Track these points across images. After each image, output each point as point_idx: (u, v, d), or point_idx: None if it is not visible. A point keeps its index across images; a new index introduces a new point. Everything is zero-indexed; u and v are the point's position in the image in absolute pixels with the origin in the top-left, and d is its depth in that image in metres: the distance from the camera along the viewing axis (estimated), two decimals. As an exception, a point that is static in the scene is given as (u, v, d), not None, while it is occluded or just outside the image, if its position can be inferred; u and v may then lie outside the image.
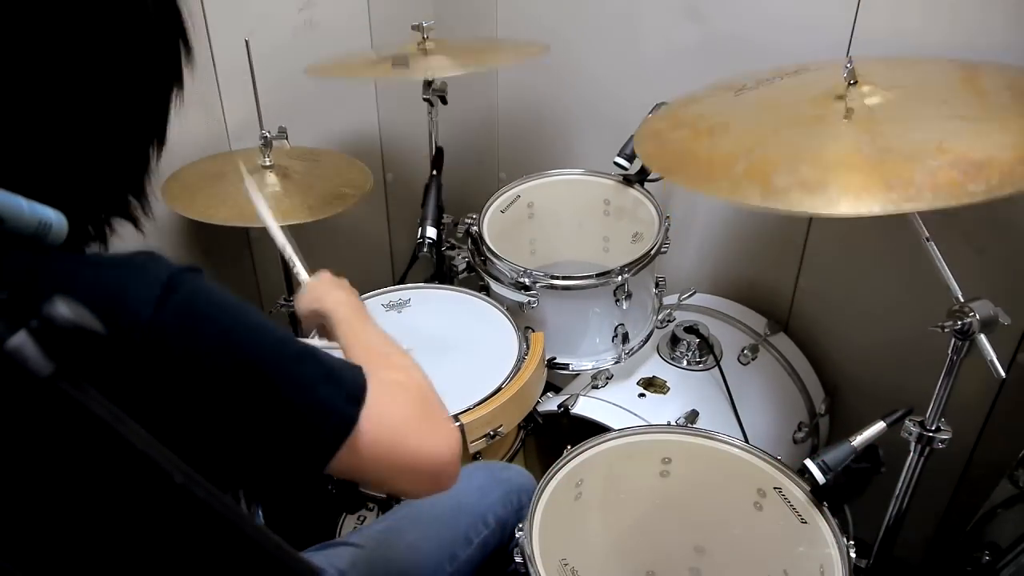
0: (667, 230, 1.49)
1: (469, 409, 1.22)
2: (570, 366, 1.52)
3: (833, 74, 1.06)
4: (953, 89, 1.01)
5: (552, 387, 1.58)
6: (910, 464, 1.10)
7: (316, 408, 0.66)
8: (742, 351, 1.60)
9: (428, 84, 1.60)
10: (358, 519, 1.50)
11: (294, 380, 0.65)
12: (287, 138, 1.58)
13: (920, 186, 0.85)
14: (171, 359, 0.60)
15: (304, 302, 1.03)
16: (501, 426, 1.25)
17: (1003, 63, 1.11)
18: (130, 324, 0.58)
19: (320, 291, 1.02)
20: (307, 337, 1.11)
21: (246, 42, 1.48)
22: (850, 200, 0.87)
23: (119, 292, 0.60)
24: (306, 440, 0.65)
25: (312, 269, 1.23)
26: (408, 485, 0.74)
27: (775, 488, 1.13)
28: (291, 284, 1.73)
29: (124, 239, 0.73)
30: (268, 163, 1.58)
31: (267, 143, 1.57)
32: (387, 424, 0.70)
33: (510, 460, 1.37)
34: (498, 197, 1.63)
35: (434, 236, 1.57)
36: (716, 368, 1.53)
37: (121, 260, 0.63)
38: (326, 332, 1.00)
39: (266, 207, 1.21)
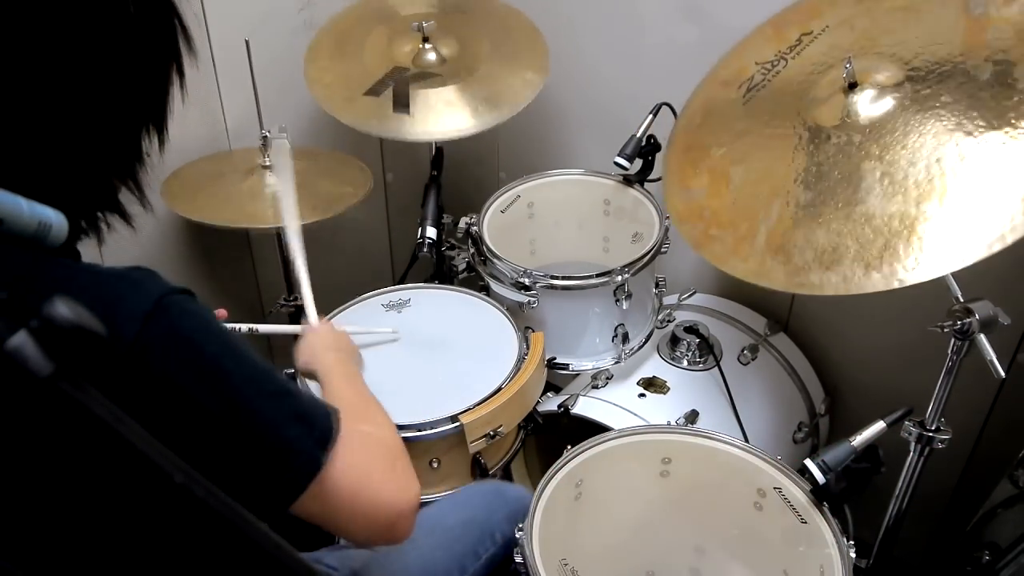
0: (667, 230, 1.49)
1: (469, 409, 1.22)
2: (570, 366, 1.52)
3: (835, 42, 1.05)
4: (958, 67, 0.99)
5: (552, 387, 1.58)
6: (910, 464, 1.10)
7: (284, 447, 0.67)
8: (742, 351, 1.60)
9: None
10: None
11: (266, 416, 0.66)
12: (287, 138, 1.58)
13: (917, 256, 0.88)
14: (150, 377, 0.60)
15: (301, 359, 1.08)
16: (501, 426, 1.25)
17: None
18: (116, 337, 0.58)
19: (314, 351, 1.07)
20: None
21: (246, 42, 1.48)
22: (861, 277, 0.91)
23: (111, 304, 0.60)
24: (273, 478, 0.67)
25: (313, 270, 1.24)
26: (363, 532, 0.75)
27: (775, 488, 1.13)
28: (291, 284, 1.73)
29: (125, 239, 0.73)
30: (267, 163, 1.58)
31: (267, 143, 1.56)
32: (353, 469, 0.71)
33: (510, 460, 1.37)
34: (498, 197, 1.63)
35: (434, 236, 1.57)
36: (716, 368, 1.53)
37: (118, 273, 0.64)
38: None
39: (298, 234, 1.24)
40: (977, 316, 0.97)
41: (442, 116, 1.54)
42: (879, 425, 1.09)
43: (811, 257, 0.95)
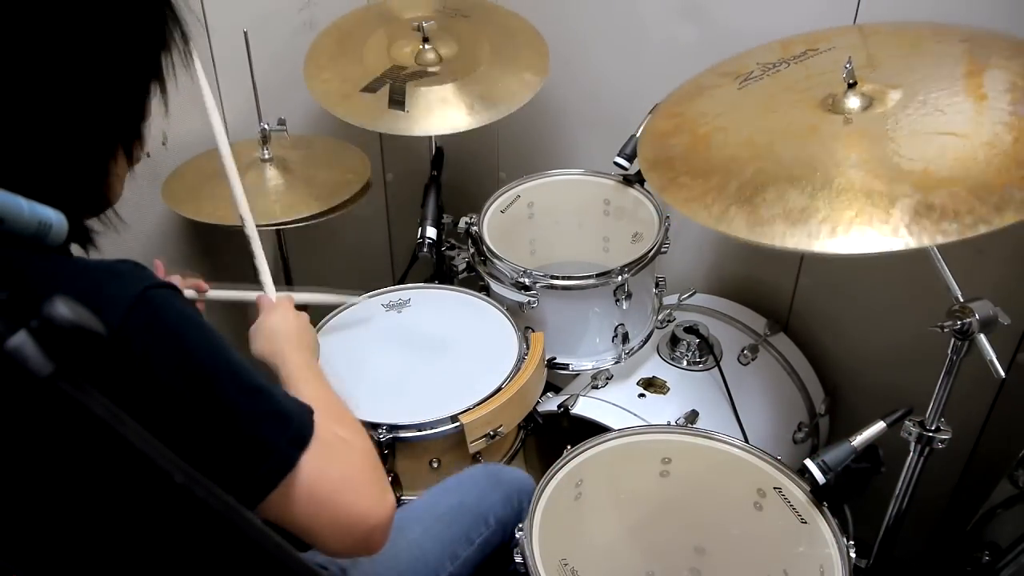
0: (667, 230, 1.49)
1: (469, 409, 1.22)
2: (570, 366, 1.52)
3: (839, 58, 1.07)
4: (954, 90, 1.01)
5: (552, 387, 1.58)
6: (910, 464, 1.10)
7: (257, 443, 0.66)
8: (742, 351, 1.60)
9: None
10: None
11: (240, 411, 0.66)
12: (286, 130, 1.58)
13: (896, 225, 0.88)
14: (130, 366, 0.61)
15: (257, 345, 1.00)
16: (501, 426, 1.25)
17: (1013, 40, 1.09)
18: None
19: (274, 342, 0.99)
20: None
21: (244, 33, 1.48)
22: (827, 237, 0.91)
23: (94, 296, 0.60)
24: (243, 473, 0.66)
25: (313, 270, 1.23)
26: (338, 541, 0.73)
27: (775, 488, 1.13)
28: (290, 284, 1.73)
29: (125, 239, 0.73)
30: (267, 156, 1.57)
31: (266, 136, 1.56)
32: (329, 475, 0.70)
33: (510, 460, 1.37)
34: (498, 197, 1.63)
35: (434, 236, 1.57)
36: (716, 368, 1.53)
37: (104, 265, 0.64)
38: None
39: (245, 204, 1.17)
40: (977, 316, 0.97)
41: (437, 113, 1.53)
42: (879, 425, 1.09)
43: (779, 212, 0.95)
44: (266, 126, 1.56)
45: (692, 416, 1.43)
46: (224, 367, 0.66)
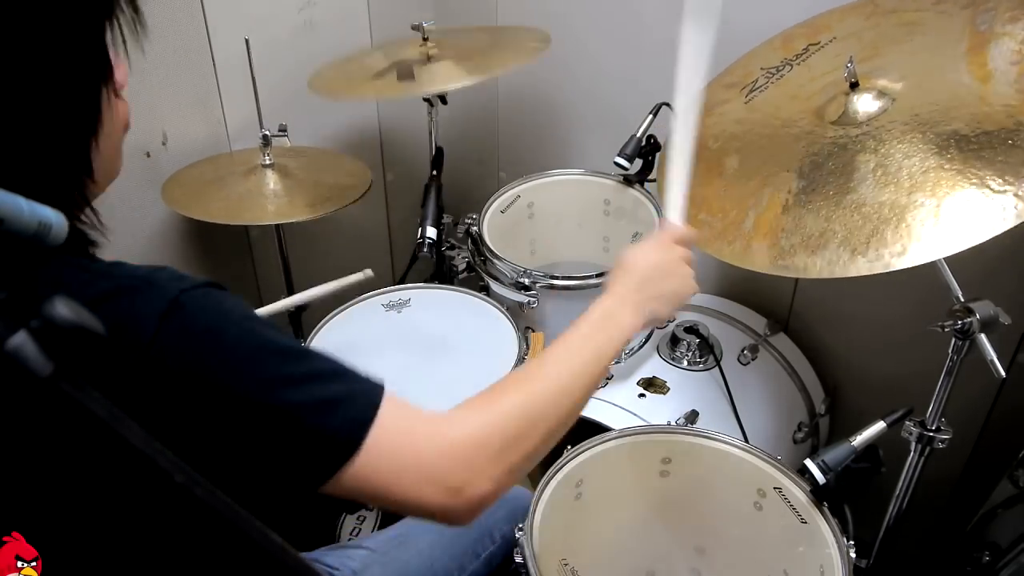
0: (667, 230, 1.49)
1: (469, 409, 1.22)
2: (570, 366, 1.52)
3: (840, 51, 1.06)
4: (958, 73, 1.00)
5: (552, 387, 1.58)
6: (910, 464, 1.10)
7: (314, 433, 0.64)
8: (742, 351, 1.60)
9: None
10: (358, 519, 1.50)
11: (294, 404, 0.63)
12: (287, 136, 1.58)
13: (905, 243, 0.88)
14: (172, 375, 0.60)
15: (625, 256, 0.92)
16: (501, 426, 1.25)
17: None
18: (134, 341, 0.59)
19: (629, 269, 0.91)
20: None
21: (246, 41, 1.48)
22: (846, 260, 0.92)
23: (128, 309, 0.60)
24: (304, 463, 0.65)
25: (313, 269, 1.23)
26: (414, 513, 0.70)
27: (775, 488, 1.13)
28: (290, 285, 1.73)
29: (125, 239, 0.73)
30: (268, 162, 1.58)
31: (267, 141, 1.57)
32: (379, 467, 0.66)
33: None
34: (498, 197, 1.63)
35: (434, 236, 1.57)
36: (716, 368, 1.53)
37: (137, 274, 0.63)
38: None
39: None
40: (978, 316, 0.97)
41: (441, 76, 1.53)
42: (879, 425, 1.09)
43: (797, 241, 0.96)
44: (267, 131, 1.56)
45: (692, 416, 1.43)
46: (272, 358, 0.63)
